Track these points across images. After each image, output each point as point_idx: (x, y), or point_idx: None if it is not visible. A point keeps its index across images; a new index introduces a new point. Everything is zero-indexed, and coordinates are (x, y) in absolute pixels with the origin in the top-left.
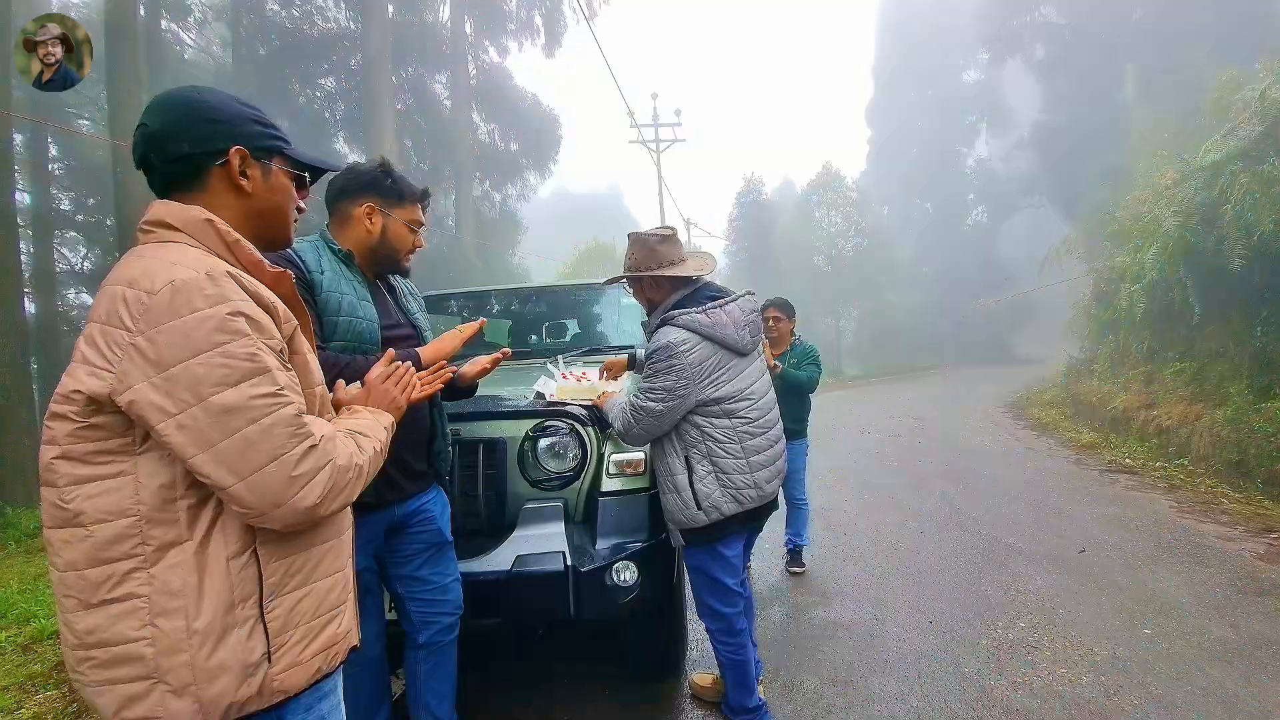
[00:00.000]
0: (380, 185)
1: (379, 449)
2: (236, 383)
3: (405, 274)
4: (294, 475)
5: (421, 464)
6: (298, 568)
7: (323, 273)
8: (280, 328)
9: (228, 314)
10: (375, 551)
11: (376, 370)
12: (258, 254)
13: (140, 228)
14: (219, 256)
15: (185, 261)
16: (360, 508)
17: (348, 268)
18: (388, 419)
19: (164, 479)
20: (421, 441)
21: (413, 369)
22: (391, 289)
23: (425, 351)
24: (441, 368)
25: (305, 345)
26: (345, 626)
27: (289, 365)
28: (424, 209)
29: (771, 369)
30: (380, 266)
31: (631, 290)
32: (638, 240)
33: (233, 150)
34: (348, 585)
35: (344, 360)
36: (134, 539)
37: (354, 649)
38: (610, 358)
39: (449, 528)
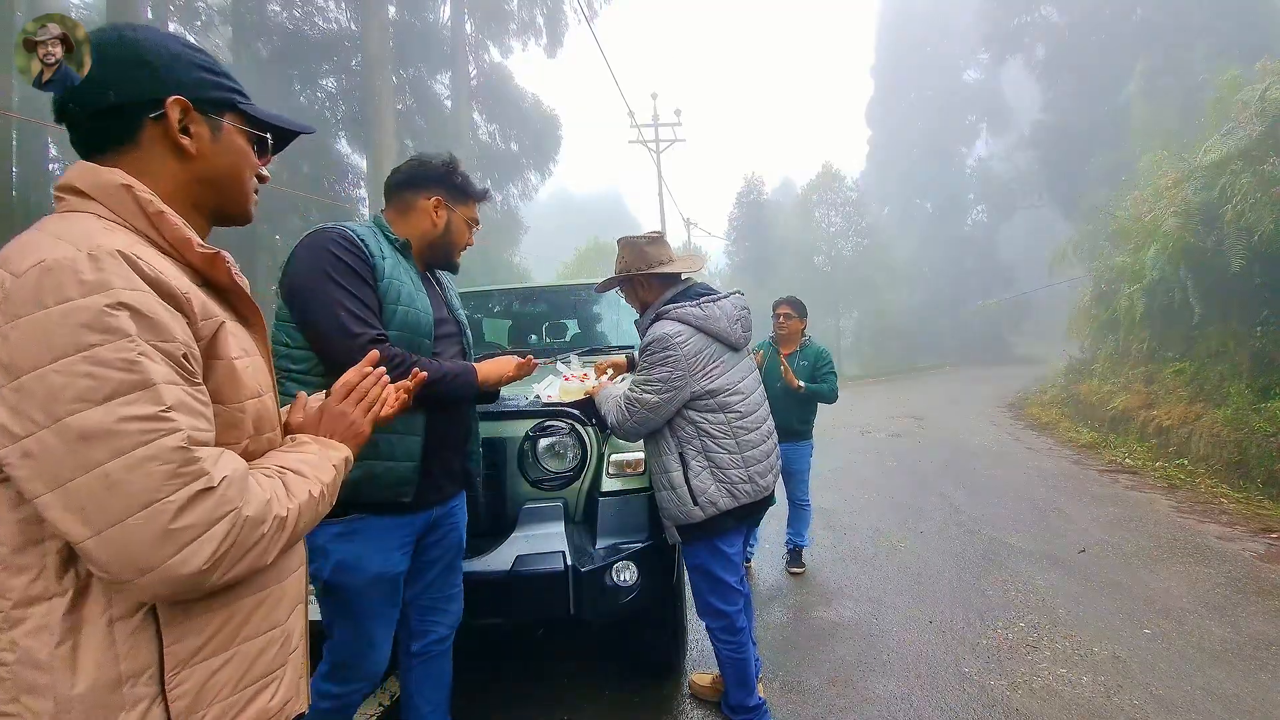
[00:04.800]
0: (449, 181)
1: (320, 493)
2: (103, 399)
3: (456, 270)
4: (171, 529)
5: (461, 463)
6: (216, 628)
7: (384, 258)
8: (195, 325)
9: (105, 306)
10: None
11: (341, 382)
12: (187, 230)
13: (54, 194)
14: (138, 232)
15: (72, 236)
16: (401, 508)
17: (404, 257)
18: (341, 453)
19: (26, 513)
20: (463, 440)
21: (388, 380)
22: (439, 282)
23: (482, 369)
24: (416, 377)
25: (236, 347)
26: (282, 696)
27: (194, 376)
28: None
29: (795, 389)
30: (435, 260)
31: (624, 294)
32: (627, 244)
33: (170, 101)
34: (288, 643)
35: (411, 357)
36: None
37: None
38: (611, 357)
39: (465, 536)
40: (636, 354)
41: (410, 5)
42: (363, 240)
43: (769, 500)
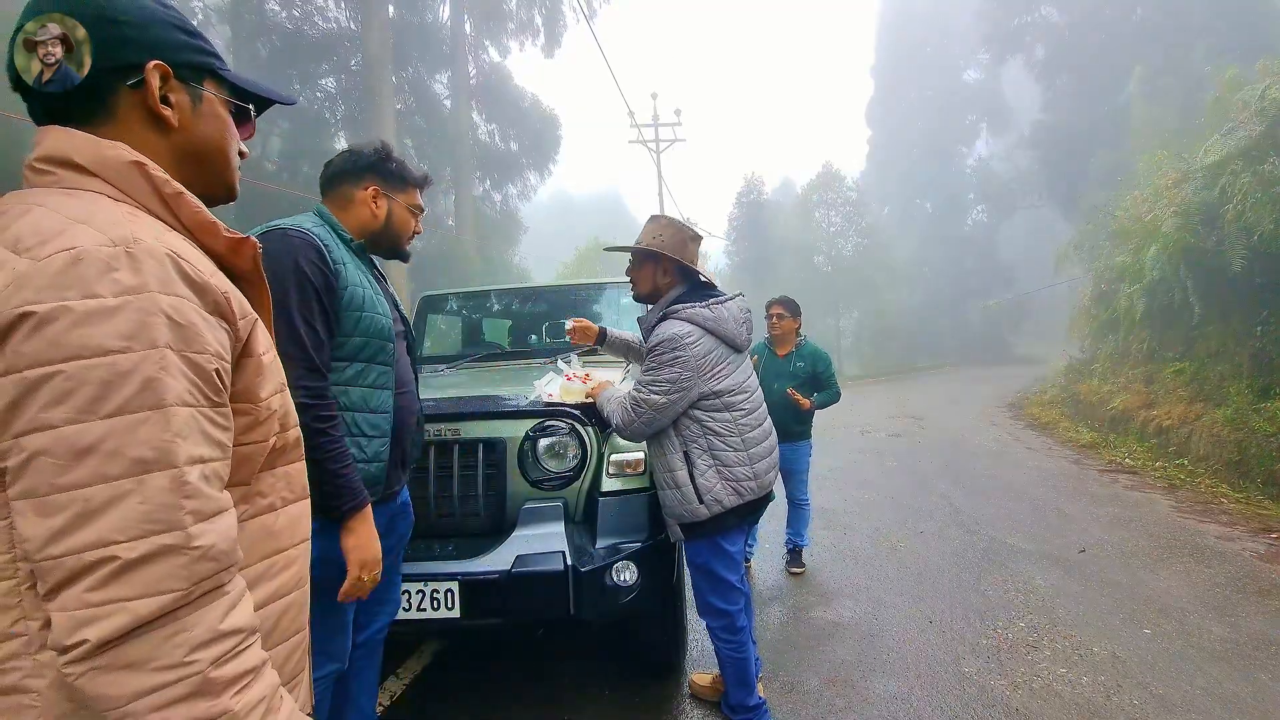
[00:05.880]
0: (383, 168)
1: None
2: (111, 414)
3: (407, 259)
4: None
5: (411, 451)
6: None
7: (345, 264)
8: (235, 328)
9: (138, 311)
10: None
11: None
12: (207, 212)
13: (31, 165)
14: (154, 216)
15: (98, 222)
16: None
17: (359, 258)
18: None
19: None
20: (417, 429)
21: None
22: (382, 276)
23: (362, 516)
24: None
25: (263, 343)
26: (303, 701)
27: (220, 394)
28: (421, 193)
29: (804, 408)
30: (381, 251)
31: (633, 267)
32: (672, 225)
33: (150, 66)
34: (306, 647)
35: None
36: (12, 613)
37: None
38: (584, 322)
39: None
40: (609, 331)
41: (410, 5)
42: (327, 248)
43: (769, 497)
